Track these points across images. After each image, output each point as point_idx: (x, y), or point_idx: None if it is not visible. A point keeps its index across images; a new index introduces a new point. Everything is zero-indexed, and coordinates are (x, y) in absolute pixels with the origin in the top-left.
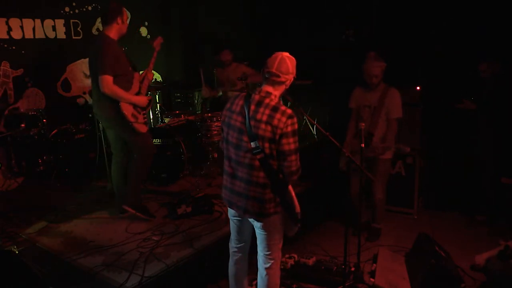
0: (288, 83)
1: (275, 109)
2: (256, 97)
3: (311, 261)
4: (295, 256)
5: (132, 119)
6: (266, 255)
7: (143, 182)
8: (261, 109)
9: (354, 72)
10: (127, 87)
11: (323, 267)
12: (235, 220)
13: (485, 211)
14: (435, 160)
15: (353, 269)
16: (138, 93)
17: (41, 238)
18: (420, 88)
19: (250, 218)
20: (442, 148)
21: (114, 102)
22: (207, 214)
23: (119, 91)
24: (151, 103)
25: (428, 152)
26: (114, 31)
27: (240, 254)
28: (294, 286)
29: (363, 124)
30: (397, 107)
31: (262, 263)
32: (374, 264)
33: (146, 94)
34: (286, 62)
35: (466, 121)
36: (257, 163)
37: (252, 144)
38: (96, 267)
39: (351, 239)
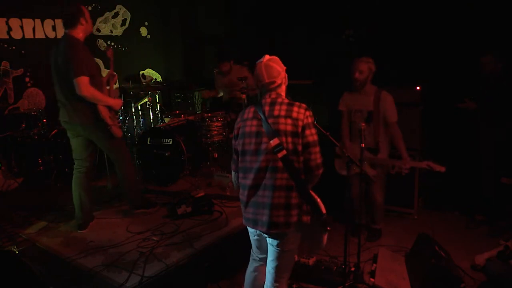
0: (285, 80)
1: (290, 104)
2: (268, 99)
3: (311, 261)
4: (295, 256)
5: (110, 122)
6: (277, 274)
7: (143, 182)
8: (277, 107)
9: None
10: (100, 90)
11: (323, 267)
12: (254, 237)
13: (485, 211)
14: (435, 160)
15: (353, 269)
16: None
17: (41, 238)
18: (420, 88)
19: (274, 234)
20: (442, 148)
21: (91, 106)
22: (207, 214)
23: (96, 93)
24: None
25: (428, 152)
26: (80, 32)
27: (261, 263)
28: (294, 286)
29: (363, 124)
30: (392, 110)
31: (271, 280)
32: (374, 264)
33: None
34: (271, 66)
35: (466, 120)
36: (279, 164)
37: (273, 142)
38: (96, 267)
39: (351, 239)
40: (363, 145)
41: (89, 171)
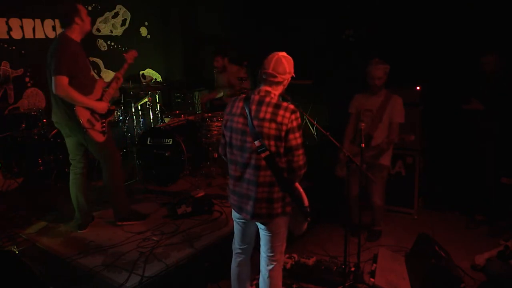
0: (286, 82)
1: (277, 106)
2: (256, 97)
3: (311, 261)
4: (295, 256)
5: (87, 125)
6: (270, 256)
7: (143, 182)
8: (263, 108)
9: (354, 72)
10: (86, 92)
11: (323, 267)
12: (240, 222)
13: (485, 211)
14: (435, 160)
15: (353, 269)
16: (98, 100)
17: (41, 238)
18: (420, 88)
19: (258, 221)
20: (442, 148)
21: (69, 106)
22: (207, 214)
23: (73, 93)
24: (113, 114)
25: (428, 152)
26: (75, 32)
27: (243, 256)
28: (294, 286)
29: (363, 124)
30: (399, 112)
31: (264, 265)
32: (374, 264)
33: (110, 103)
34: (282, 62)
35: (467, 120)
36: (263, 162)
37: (256, 143)
38: (96, 267)
39: (351, 239)
40: (363, 145)
41: (85, 172)
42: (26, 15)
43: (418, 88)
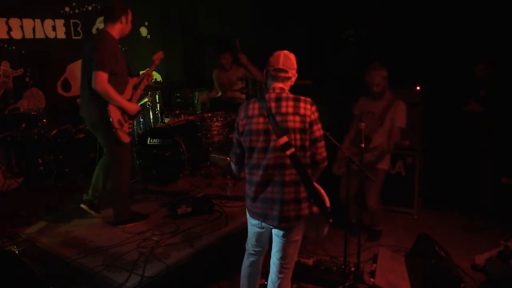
0: (294, 79)
1: (296, 99)
2: (272, 95)
3: (311, 261)
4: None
5: (117, 125)
6: (282, 264)
7: (143, 182)
8: (283, 103)
9: (354, 72)
10: (120, 90)
11: (323, 267)
12: (255, 229)
13: (485, 211)
14: (435, 160)
15: (353, 269)
16: (129, 100)
17: (41, 238)
18: (420, 88)
19: (284, 227)
20: (442, 148)
21: (102, 104)
22: (207, 214)
23: (111, 91)
24: (139, 114)
25: (428, 152)
26: (116, 30)
27: (256, 257)
28: (294, 286)
29: (363, 124)
30: (401, 117)
31: (276, 272)
32: (374, 264)
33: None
34: (289, 58)
35: (466, 120)
36: (287, 161)
37: (283, 139)
38: (96, 267)
39: (351, 239)
40: (363, 145)
41: None
42: (26, 15)
43: (418, 88)
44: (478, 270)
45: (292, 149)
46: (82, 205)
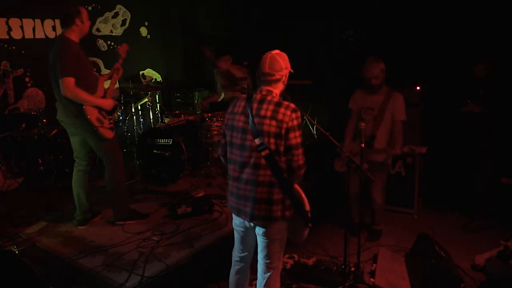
0: (285, 79)
1: (278, 104)
2: (258, 96)
3: (311, 261)
4: (295, 256)
5: (97, 124)
6: (267, 263)
7: (143, 182)
8: (265, 106)
9: (354, 72)
10: (91, 90)
11: (323, 267)
12: (239, 230)
13: (485, 211)
14: (435, 160)
15: (353, 269)
16: (103, 97)
17: (41, 238)
18: (420, 88)
19: (256, 223)
20: (442, 148)
21: (78, 106)
22: (207, 214)
23: (81, 94)
24: (118, 108)
25: (428, 152)
26: (74, 33)
27: (242, 264)
28: (294, 286)
29: (363, 124)
30: (401, 109)
31: (262, 272)
32: (374, 264)
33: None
34: (276, 60)
35: (466, 120)
36: (262, 161)
37: (257, 141)
38: (96, 267)
39: (351, 239)
40: (363, 145)
41: (88, 170)
42: (26, 15)
43: (418, 88)
44: (478, 270)
45: (267, 151)
46: (79, 226)
